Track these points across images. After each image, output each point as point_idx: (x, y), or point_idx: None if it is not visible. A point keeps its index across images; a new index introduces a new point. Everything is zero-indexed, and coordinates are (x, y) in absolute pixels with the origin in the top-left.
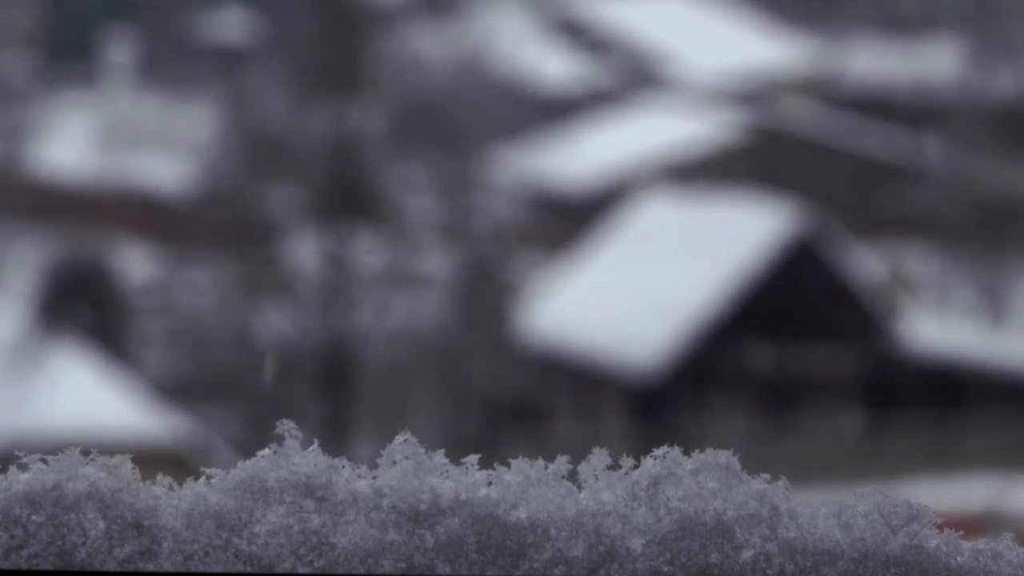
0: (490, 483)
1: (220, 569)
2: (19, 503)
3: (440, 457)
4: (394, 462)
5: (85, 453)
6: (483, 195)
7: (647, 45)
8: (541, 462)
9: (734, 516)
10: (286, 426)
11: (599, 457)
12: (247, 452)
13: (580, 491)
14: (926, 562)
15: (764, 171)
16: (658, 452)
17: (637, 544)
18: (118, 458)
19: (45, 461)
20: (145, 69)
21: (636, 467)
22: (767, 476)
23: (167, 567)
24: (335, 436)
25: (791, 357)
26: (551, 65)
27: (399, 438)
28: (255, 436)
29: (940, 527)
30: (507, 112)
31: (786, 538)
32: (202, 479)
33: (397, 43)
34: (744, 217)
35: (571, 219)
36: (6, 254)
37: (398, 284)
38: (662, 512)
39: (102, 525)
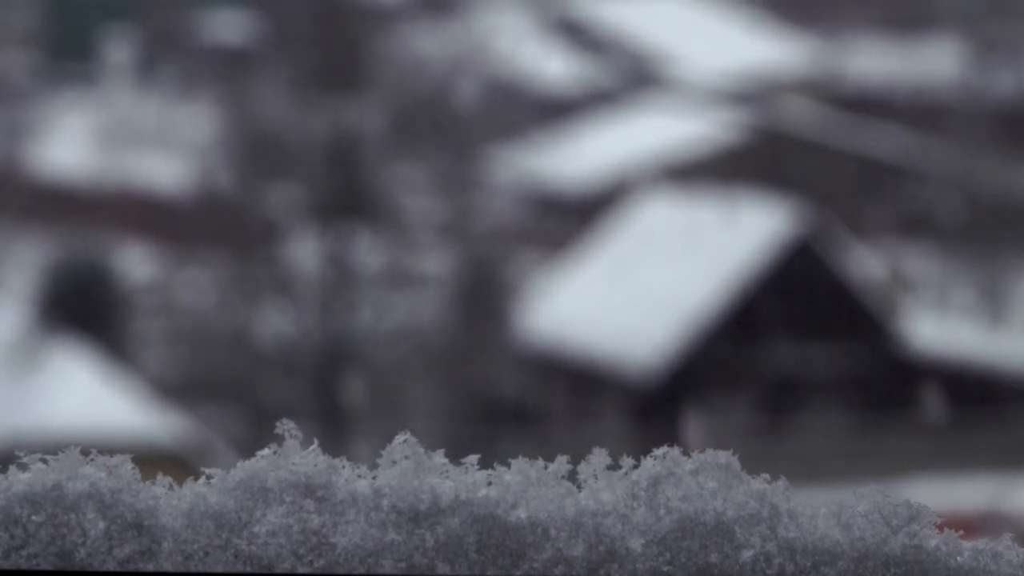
0: (490, 483)
1: (220, 569)
2: (19, 503)
3: (440, 457)
4: (394, 462)
5: (85, 453)
6: (483, 195)
7: (647, 45)
8: (541, 462)
9: (734, 516)
10: (286, 426)
11: (599, 457)
12: (247, 452)
13: (580, 491)
14: (926, 562)
15: (764, 171)
16: (658, 452)
17: (637, 544)
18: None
19: (45, 461)
20: (145, 69)
21: (636, 467)
22: (767, 476)
23: (167, 567)
24: (335, 436)
25: (791, 357)
26: (551, 65)
27: (399, 438)
28: (255, 436)
29: (940, 527)
30: (507, 112)
31: (786, 538)
32: (202, 479)
33: (397, 43)
34: (744, 217)
35: (571, 219)
36: (6, 254)
37: (398, 284)
38: (662, 512)
39: (102, 525)
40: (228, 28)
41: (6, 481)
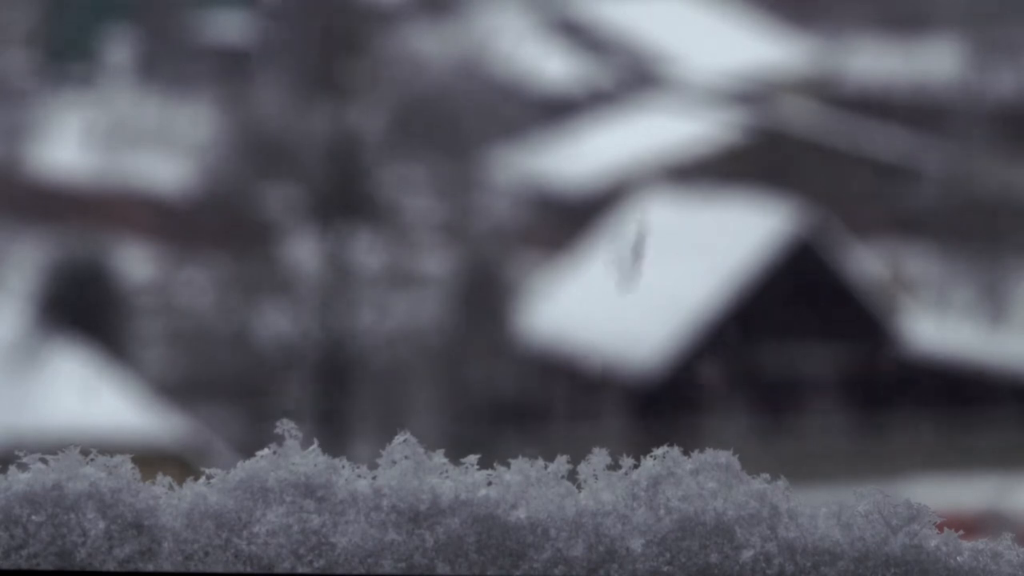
0: (490, 483)
1: (220, 569)
2: (19, 503)
3: (440, 457)
4: (394, 462)
5: (85, 453)
6: (483, 195)
7: (647, 45)
8: (541, 462)
9: (734, 516)
10: (286, 426)
11: (599, 457)
12: (247, 452)
13: (580, 491)
14: (926, 562)
15: (764, 171)
16: (658, 452)
17: (637, 544)
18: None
19: (45, 461)
20: (145, 69)
21: (636, 467)
22: (767, 476)
23: (167, 567)
24: (335, 436)
25: (791, 357)
26: (551, 65)
27: (399, 438)
28: (255, 436)
29: (940, 527)
30: (507, 112)
31: (786, 538)
32: (202, 479)
33: (397, 43)
34: (744, 217)
35: (571, 219)
36: (6, 254)
37: (398, 284)
38: (662, 512)
39: (102, 525)
40: (228, 28)
41: (6, 481)
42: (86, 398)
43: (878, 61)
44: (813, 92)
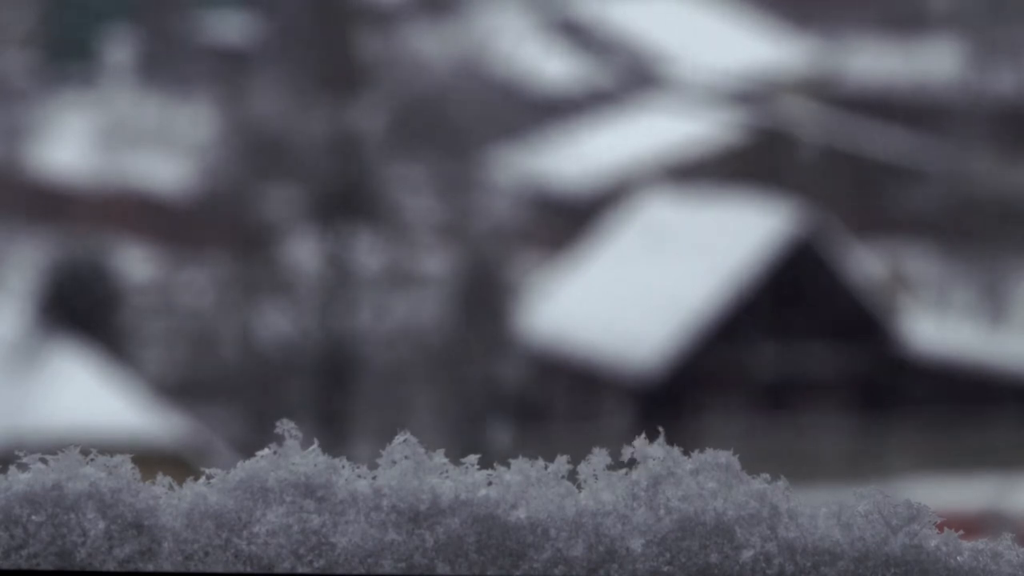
0: (490, 483)
1: (220, 569)
2: (19, 503)
3: (440, 457)
4: (394, 462)
5: (85, 453)
6: (483, 195)
7: (647, 45)
8: (541, 462)
9: (734, 516)
10: (286, 426)
11: (599, 457)
12: (247, 452)
13: (580, 491)
14: (926, 562)
15: (764, 171)
16: (651, 449)
17: (637, 544)
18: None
19: (45, 461)
20: (145, 69)
21: (633, 461)
22: (767, 476)
23: (167, 567)
24: (335, 436)
25: (791, 357)
26: (551, 65)
27: (399, 438)
28: (255, 436)
29: (940, 527)
30: (507, 112)
31: (786, 538)
32: (202, 479)
33: (397, 43)
34: (744, 217)
35: (571, 219)
36: (6, 254)
37: (398, 284)
38: (662, 512)
39: (102, 525)
40: (228, 28)
41: (6, 481)
42: (86, 398)
43: (878, 61)
44: (813, 92)
